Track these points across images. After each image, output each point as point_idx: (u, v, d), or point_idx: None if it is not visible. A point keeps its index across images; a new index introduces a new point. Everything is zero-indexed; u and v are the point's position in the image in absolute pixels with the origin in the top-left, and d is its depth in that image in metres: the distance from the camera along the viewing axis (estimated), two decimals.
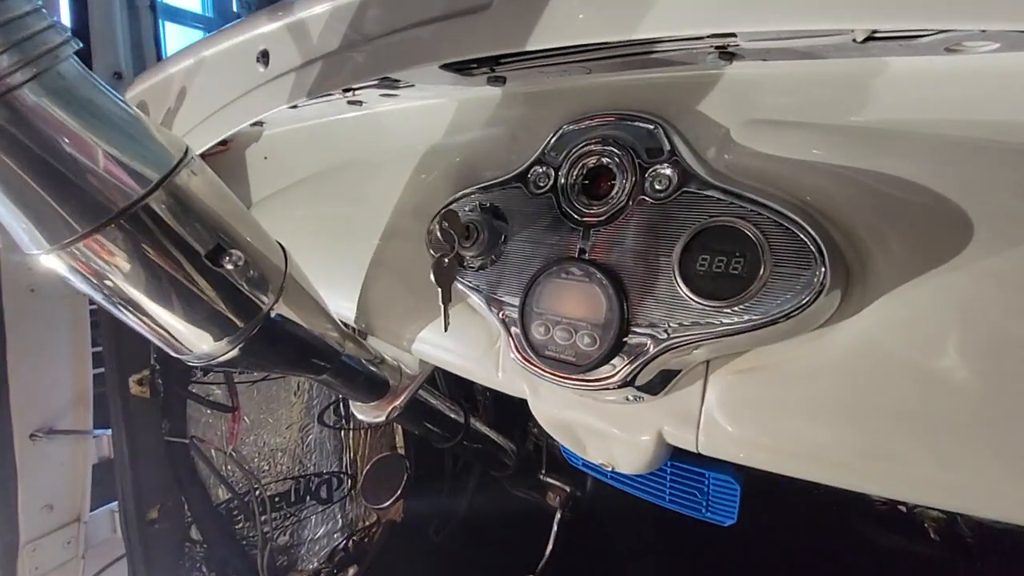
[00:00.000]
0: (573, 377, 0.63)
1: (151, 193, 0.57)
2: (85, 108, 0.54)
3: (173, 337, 0.68)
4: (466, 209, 0.74)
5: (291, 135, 1.02)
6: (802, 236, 0.51)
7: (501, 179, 0.72)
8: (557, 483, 1.58)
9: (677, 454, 0.76)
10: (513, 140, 0.75)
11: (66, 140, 0.52)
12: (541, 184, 0.69)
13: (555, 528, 1.46)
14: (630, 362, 0.60)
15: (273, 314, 0.73)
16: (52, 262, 0.57)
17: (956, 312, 0.49)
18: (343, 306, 0.99)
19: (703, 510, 0.85)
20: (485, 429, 1.41)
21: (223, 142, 1.01)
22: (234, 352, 0.72)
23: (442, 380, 1.49)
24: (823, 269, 0.50)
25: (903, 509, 1.24)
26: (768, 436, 0.60)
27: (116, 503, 1.47)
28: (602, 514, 1.59)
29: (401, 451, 1.80)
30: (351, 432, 1.77)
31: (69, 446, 1.31)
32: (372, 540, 1.75)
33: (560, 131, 0.67)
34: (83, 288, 0.61)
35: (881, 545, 1.23)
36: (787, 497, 1.25)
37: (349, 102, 0.83)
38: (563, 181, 0.66)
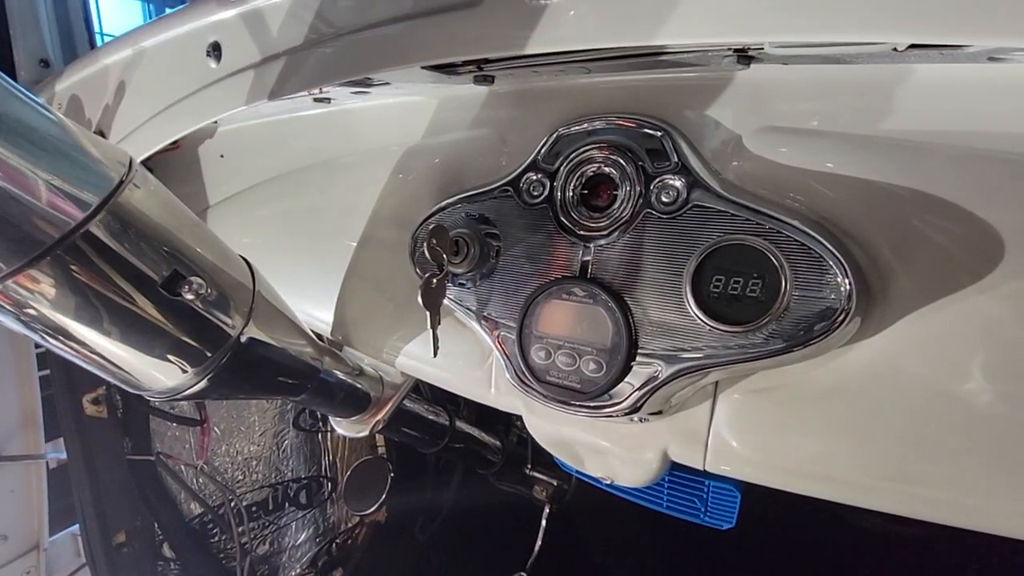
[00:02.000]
0: (577, 404, 0.59)
1: (92, 218, 0.50)
2: (3, 123, 0.46)
3: (129, 373, 0.61)
4: (452, 219, 0.67)
5: (250, 131, 0.92)
6: (825, 256, 0.48)
7: (491, 186, 0.66)
8: (544, 477, 1.56)
9: (676, 463, 0.74)
10: (502, 143, 0.68)
11: None
12: (536, 193, 0.63)
13: (544, 523, 1.45)
14: (638, 388, 0.56)
15: (244, 338, 0.66)
16: None
17: (982, 334, 0.47)
18: (316, 317, 0.92)
19: (702, 515, 0.84)
20: (469, 428, 1.37)
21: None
22: (203, 383, 0.65)
23: (425, 384, 1.43)
24: (848, 291, 0.47)
25: None
26: (779, 456, 0.57)
27: (77, 525, 1.38)
28: (588, 506, 1.59)
29: (382, 451, 1.75)
30: (329, 435, 1.71)
31: (20, 472, 1.20)
32: (356, 542, 1.71)
33: (556, 134, 0.62)
34: (13, 327, 0.53)
35: (868, 527, 1.27)
36: (772, 490, 1.26)
37: (316, 99, 0.74)
38: (560, 190, 0.61)
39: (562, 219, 0.61)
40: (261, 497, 1.56)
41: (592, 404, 0.58)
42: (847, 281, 0.47)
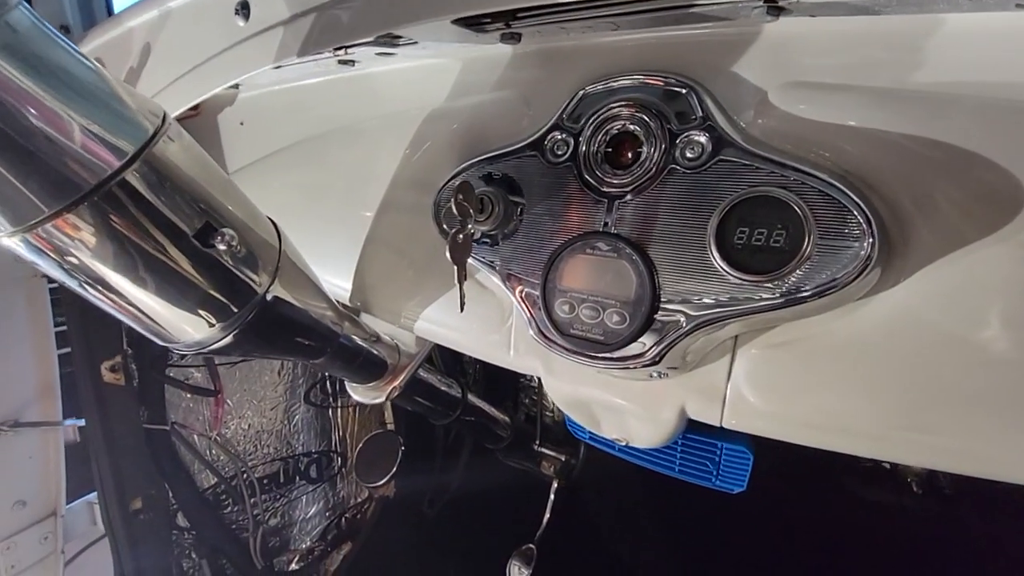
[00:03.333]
0: (600, 356, 0.60)
1: (128, 166, 0.51)
2: (44, 67, 0.46)
3: (160, 325, 0.62)
4: (476, 179, 0.68)
5: (271, 98, 0.93)
6: (850, 207, 0.48)
7: (514, 147, 0.67)
8: (551, 453, 1.59)
9: (688, 425, 0.76)
10: (525, 104, 0.69)
11: (26, 107, 0.45)
12: (559, 152, 0.64)
13: (552, 497, 1.48)
14: (661, 339, 0.58)
15: (269, 296, 0.67)
16: (13, 244, 0.50)
17: (1002, 284, 0.48)
18: (335, 284, 0.93)
19: (713, 479, 0.86)
20: (480, 402, 1.39)
21: (194, 106, 0.92)
22: (228, 339, 0.66)
23: (438, 356, 1.45)
24: (871, 241, 0.48)
25: (887, 466, 1.30)
26: (798, 409, 0.59)
27: (94, 494, 1.40)
28: (595, 481, 1.61)
29: (391, 427, 1.77)
30: (339, 410, 1.73)
31: (38, 439, 1.22)
32: (365, 517, 1.74)
33: (580, 94, 0.62)
34: (54, 274, 0.55)
35: (869, 500, 1.29)
36: (776, 458, 1.28)
37: (340, 61, 0.75)
38: (584, 149, 0.62)
39: (586, 177, 0.62)
40: (272, 470, 1.59)
41: (615, 356, 0.59)
42: (870, 231, 0.48)
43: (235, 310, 0.64)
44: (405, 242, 0.85)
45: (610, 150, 0.61)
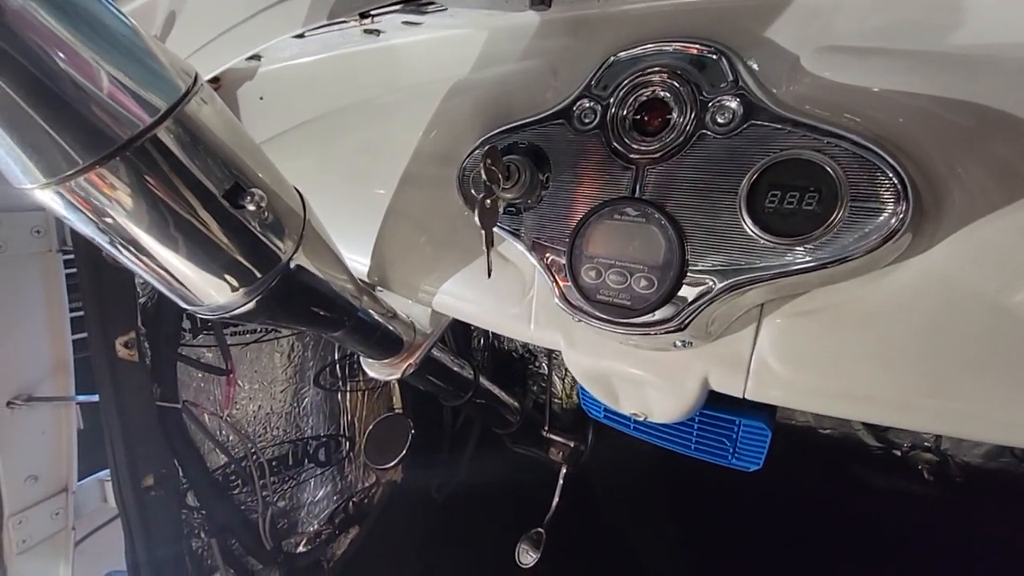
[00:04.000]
0: (627, 322, 0.60)
1: (160, 123, 0.51)
2: (80, 17, 0.46)
3: (185, 286, 0.62)
4: (502, 148, 0.68)
5: (291, 72, 0.93)
6: (885, 169, 0.48)
7: (541, 115, 0.67)
8: (560, 439, 1.59)
9: (707, 404, 0.76)
10: (552, 74, 0.69)
11: (60, 55, 0.45)
12: (587, 120, 0.64)
13: (560, 482, 1.48)
14: (689, 304, 0.58)
15: (292, 264, 0.67)
16: (48, 198, 0.50)
17: None
18: (353, 259, 0.93)
19: (730, 457, 0.86)
20: (491, 386, 1.39)
21: (214, 79, 0.92)
22: (250, 304, 0.66)
23: (450, 337, 1.45)
24: (905, 204, 0.48)
25: (898, 453, 1.31)
26: (824, 379, 0.59)
27: (105, 471, 1.40)
28: (604, 466, 1.61)
29: (399, 412, 1.77)
30: (348, 394, 1.73)
31: (51, 414, 1.22)
32: (372, 501, 1.74)
33: (609, 61, 0.63)
34: (83, 230, 0.55)
35: (879, 487, 1.30)
36: (787, 444, 1.28)
37: (365, 31, 0.75)
38: (613, 116, 0.62)
39: (614, 144, 0.62)
40: (281, 452, 1.59)
41: (641, 321, 0.60)
42: (904, 194, 0.48)
43: (258, 276, 0.64)
44: (425, 216, 0.85)
45: (639, 117, 0.61)
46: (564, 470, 1.52)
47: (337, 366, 1.70)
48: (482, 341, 1.91)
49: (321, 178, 0.95)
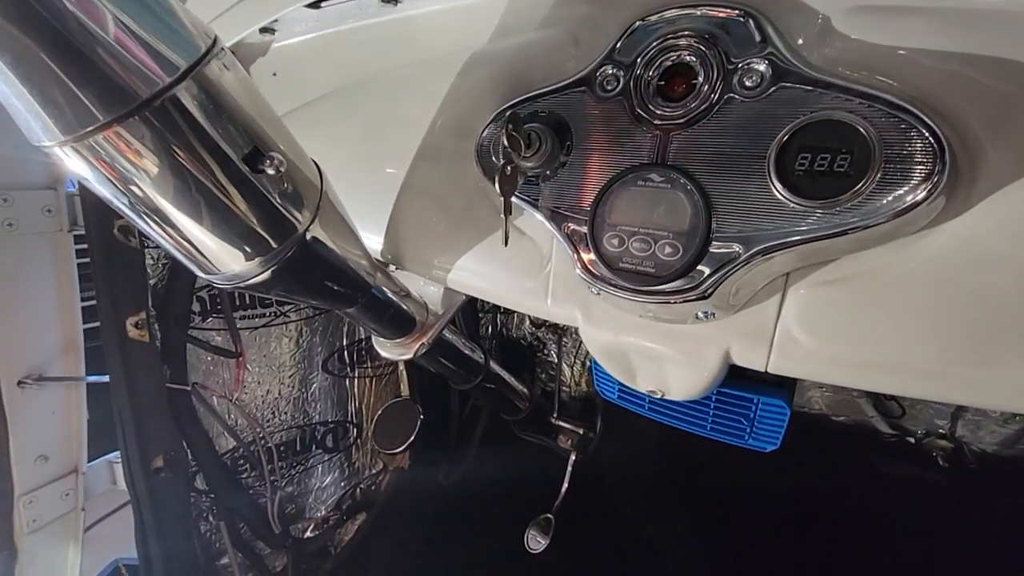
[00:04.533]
0: (650, 289, 0.60)
1: (179, 82, 0.50)
2: None
3: (201, 253, 0.61)
4: (523, 115, 0.67)
5: (305, 47, 0.92)
6: (921, 129, 0.47)
7: (562, 83, 0.66)
8: (568, 426, 1.58)
9: (725, 383, 0.75)
10: (573, 43, 0.68)
11: (81, 9, 0.44)
12: (610, 87, 0.63)
13: (569, 469, 1.47)
14: (715, 270, 0.57)
15: (308, 236, 0.67)
16: (67, 155, 0.49)
17: None
18: (367, 237, 0.93)
19: (747, 437, 0.85)
20: (501, 371, 1.38)
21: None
22: (265, 275, 0.66)
23: (461, 320, 1.44)
24: (940, 166, 0.47)
25: (912, 440, 1.29)
26: (851, 349, 0.58)
27: (114, 453, 1.40)
28: (613, 453, 1.61)
29: (407, 398, 1.77)
30: (355, 381, 1.73)
31: (61, 394, 1.22)
32: (379, 488, 1.74)
33: (633, 27, 0.61)
34: (100, 190, 0.54)
35: (894, 474, 1.29)
36: (800, 431, 1.27)
37: (383, 1, 0.74)
38: (637, 81, 0.61)
39: (638, 110, 0.61)
40: (289, 437, 1.59)
41: (665, 289, 0.59)
42: (940, 155, 0.47)
43: (275, 245, 0.63)
44: (441, 190, 0.84)
45: (663, 83, 0.60)
46: (573, 457, 1.51)
47: (345, 352, 1.70)
48: (490, 329, 1.90)
49: (334, 153, 0.94)
